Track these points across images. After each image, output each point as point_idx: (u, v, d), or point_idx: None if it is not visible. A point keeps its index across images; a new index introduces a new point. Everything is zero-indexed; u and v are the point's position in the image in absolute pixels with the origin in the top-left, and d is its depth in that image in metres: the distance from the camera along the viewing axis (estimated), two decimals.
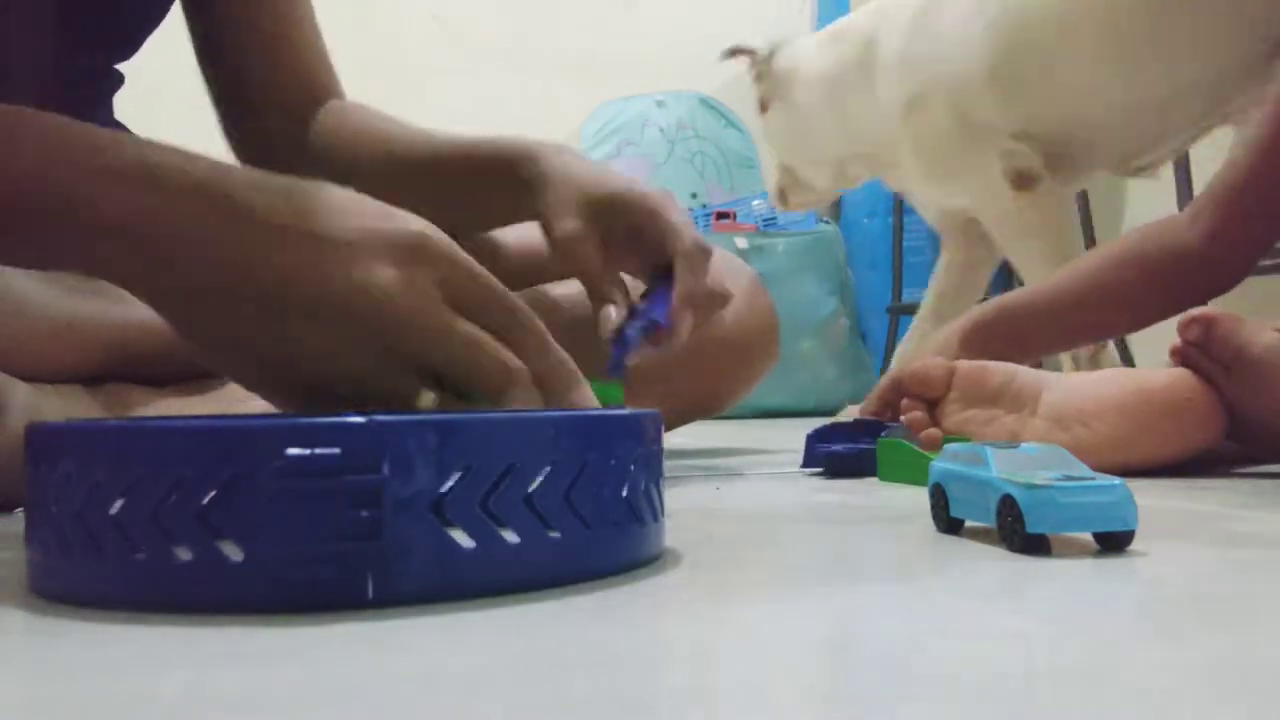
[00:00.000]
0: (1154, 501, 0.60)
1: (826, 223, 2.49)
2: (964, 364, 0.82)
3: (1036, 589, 0.38)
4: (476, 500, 0.35)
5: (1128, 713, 0.24)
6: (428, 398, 0.46)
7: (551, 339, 0.50)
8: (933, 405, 0.81)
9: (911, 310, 2.46)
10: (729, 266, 1.00)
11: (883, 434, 0.78)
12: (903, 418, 0.81)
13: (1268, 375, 0.72)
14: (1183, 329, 0.76)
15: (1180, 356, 0.76)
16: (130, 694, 0.26)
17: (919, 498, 0.64)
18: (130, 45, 0.86)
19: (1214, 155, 1.94)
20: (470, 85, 2.75)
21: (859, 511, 0.60)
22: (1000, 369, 0.81)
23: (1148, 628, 0.32)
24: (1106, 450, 0.71)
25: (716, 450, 1.10)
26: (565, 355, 0.50)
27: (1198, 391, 0.73)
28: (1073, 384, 0.78)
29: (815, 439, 0.81)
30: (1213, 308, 0.78)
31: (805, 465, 0.80)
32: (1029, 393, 0.78)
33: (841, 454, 0.78)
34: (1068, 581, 0.39)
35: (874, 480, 0.75)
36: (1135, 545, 0.45)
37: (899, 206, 2.43)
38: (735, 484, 0.75)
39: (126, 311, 0.78)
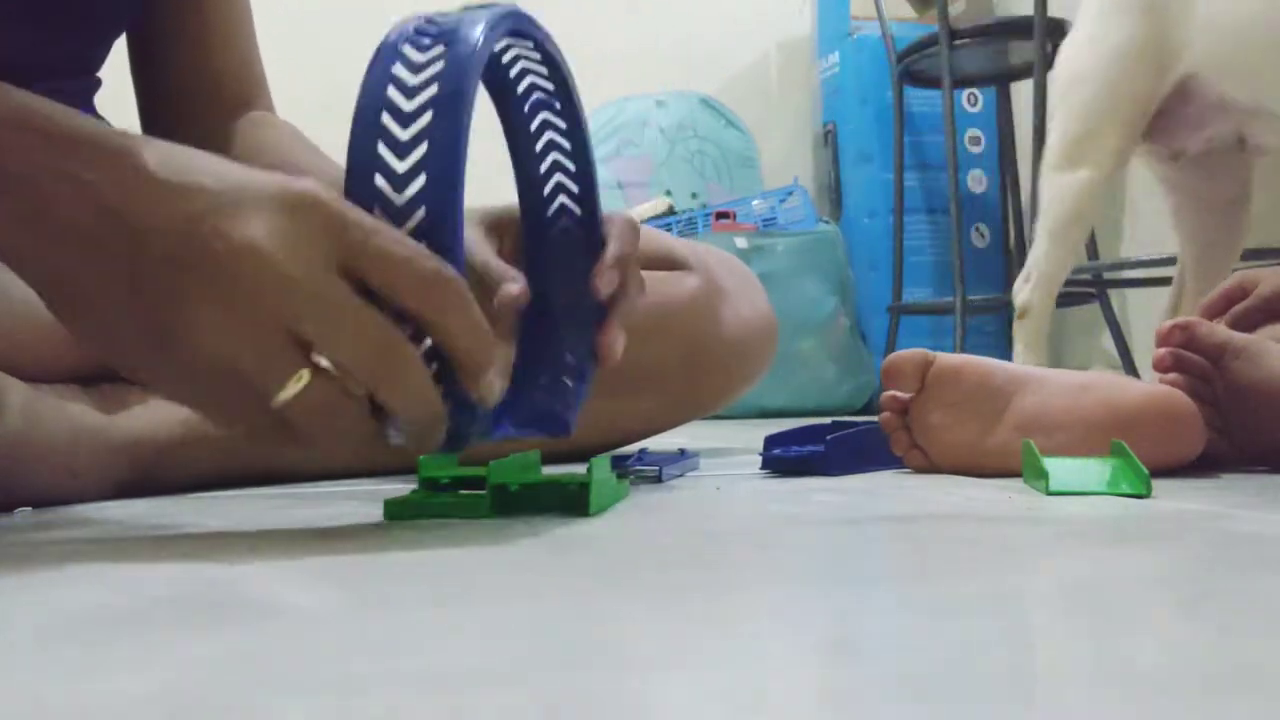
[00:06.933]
0: (1150, 501, 0.60)
1: (826, 223, 2.49)
2: (942, 358, 0.77)
3: (1035, 589, 0.38)
4: None
5: (1127, 712, 0.24)
6: (302, 378, 0.43)
7: (478, 312, 0.46)
8: (912, 402, 0.77)
9: (911, 310, 2.45)
10: (729, 267, 1.00)
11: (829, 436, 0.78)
12: (880, 418, 0.78)
13: (1256, 356, 0.74)
14: (1165, 337, 0.75)
15: (1164, 366, 0.75)
16: None
17: (919, 498, 0.64)
18: (107, 31, 0.86)
19: None
20: None
21: (860, 511, 0.60)
22: (977, 367, 0.76)
23: (1146, 627, 0.32)
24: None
25: (716, 450, 1.10)
26: (487, 333, 0.46)
27: (1175, 407, 0.71)
28: (1050, 388, 0.74)
29: (770, 442, 0.81)
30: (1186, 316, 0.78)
31: (762, 467, 0.81)
32: (1001, 396, 0.75)
33: (780, 457, 0.80)
34: (1066, 581, 0.39)
35: (877, 480, 0.75)
36: (1133, 545, 0.45)
37: (899, 206, 2.43)
38: (735, 484, 0.75)
39: None
